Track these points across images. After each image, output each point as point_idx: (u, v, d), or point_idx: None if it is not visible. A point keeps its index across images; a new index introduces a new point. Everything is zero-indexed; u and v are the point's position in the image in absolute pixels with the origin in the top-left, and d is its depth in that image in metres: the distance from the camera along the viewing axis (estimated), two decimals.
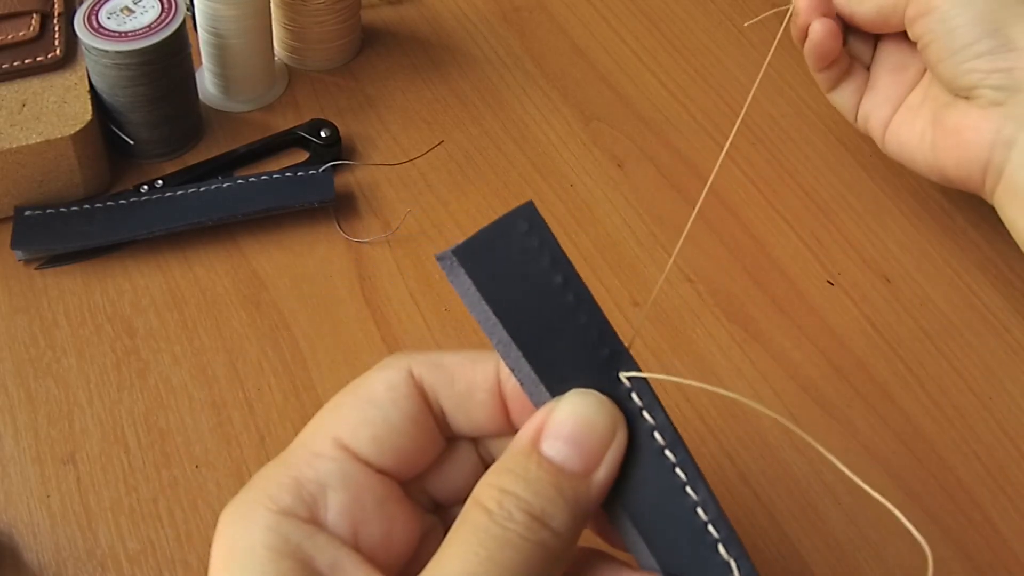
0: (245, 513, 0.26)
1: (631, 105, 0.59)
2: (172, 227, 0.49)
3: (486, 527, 0.25)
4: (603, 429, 0.27)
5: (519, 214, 0.28)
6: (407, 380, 0.28)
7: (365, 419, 0.28)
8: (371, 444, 0.27)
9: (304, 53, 0.58)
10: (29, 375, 0.45)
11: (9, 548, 0.40)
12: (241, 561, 0.25)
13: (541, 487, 0.26)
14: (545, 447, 0.27)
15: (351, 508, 0.27)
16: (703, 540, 0.27)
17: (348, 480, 0.27)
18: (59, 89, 0.50)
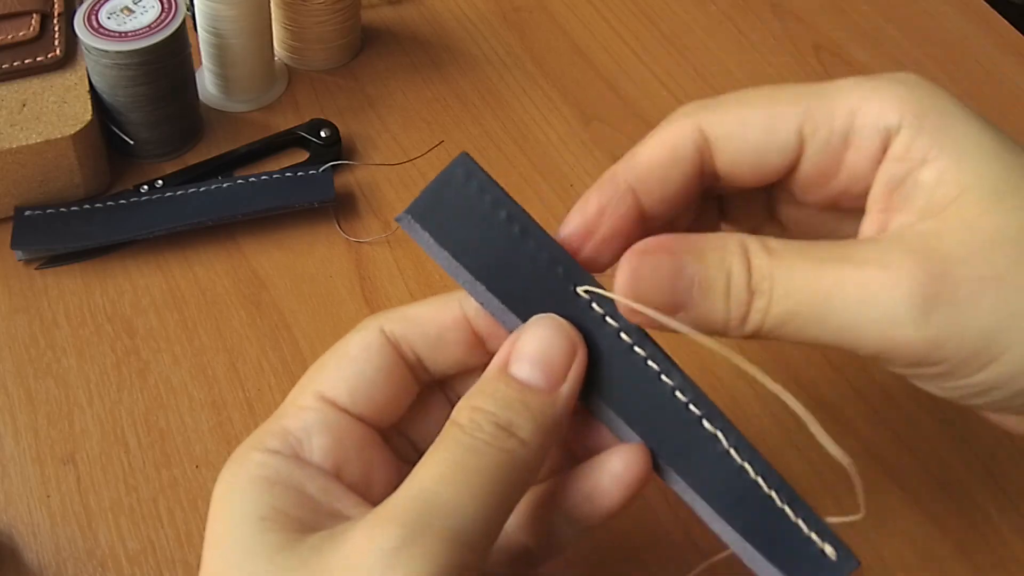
0: (238, 459, 0.29)
1: (631, 105, 0.59)
2: (172, 227, 0.49)
3: (457, 438, 0.28)
4: (564, 349, 0.29)
5: (456, 165, 0.31)
6: (379, 336, 0.31)
7: (342, 374, 0.30)
8: (348, 395, 0.30)
9: (304, 53, 0.58)
10: (29, 375, 0.45)
11: (9, 548, 0.40)
12: (237, 492, 0.28)
13: (508, 401, 0.28)
14: (513, 369, 0.29)
15: (333, 450, 0.29)
16: (686, 418, 0.30)
17: (329, 426, 0.29)
18: (59, 89, 0.50)
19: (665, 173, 0.31)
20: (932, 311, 0.27)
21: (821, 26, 0.65)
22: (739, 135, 0.31)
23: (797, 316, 0.28)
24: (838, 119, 0.30)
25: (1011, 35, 0.65)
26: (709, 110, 0.31)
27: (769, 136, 0.30)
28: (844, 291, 0.28)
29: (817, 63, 0.62)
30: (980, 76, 0.62)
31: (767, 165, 0.31)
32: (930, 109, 0.29)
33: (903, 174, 0.29)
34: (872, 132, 0.29)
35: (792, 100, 0.30)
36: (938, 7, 0.67)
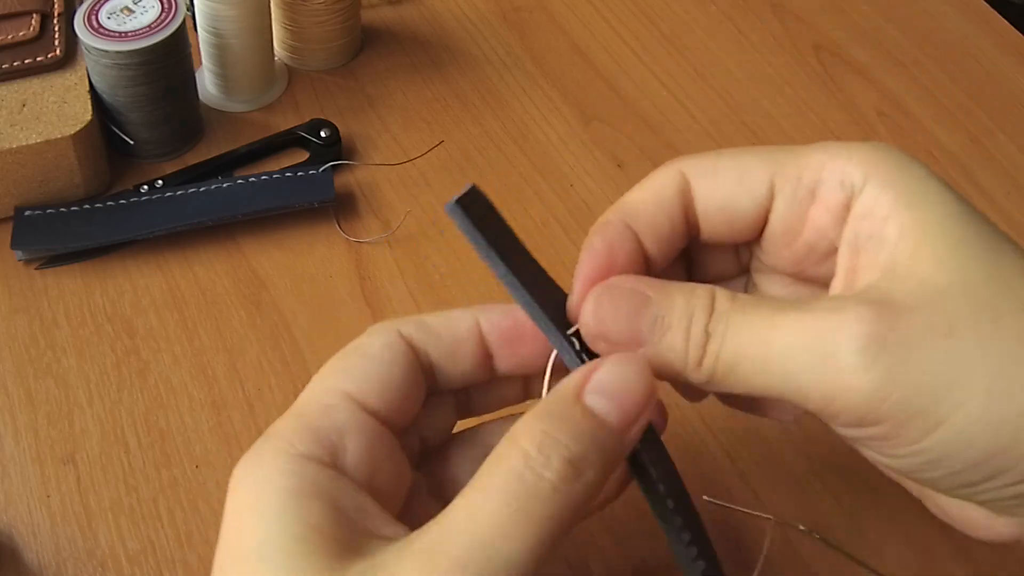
0: (266, 461, 0.27)
1: (631, 105, 0.59)
2: (172, 227, 0.49)
3: (521, 475, 0.26)
4: (643, 393, 0.28)
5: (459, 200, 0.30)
6: (399, 339, 0.30)
7: (369, 375, 0.29)
8: (377, 396, 0.29)
9: (304, 53, 0.58)
10: (29, 375, 0.45)
11: (9, 548, 0.40)
12: (269, 503, 0.26)
13: (582, 434, 0.27)
14: (589, 399, 0.28)
15: (368, 455, 0.28)
16: None
17: (364, 428, 0.28)
18: (59, 89, 0.50)
19: (652, 213, 0.32)
20: (878, 356, 0.26)
21: (821, 26, 0.65)
22: (713, 181, 0.32)
23: (744, 359, 0.28)
24: (807, 173, 0.30)
25: (1011, 35, 0.65)
26: (692, 160, 0.32)
27: (741, 184, 0.31)
28: (790, 335, 0.28)
29: (817, 63, 0.62)
30: (980, 76, 0.62)
31: (739, 213, 0.32)
32: (894, 169, 0.29)
33: (868, 232, 0.29)
34: (836, 187, 0.30)
35: (766, 156, 0.31)
36: (938, 7, 0.67)
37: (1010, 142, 0.59)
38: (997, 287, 0.27)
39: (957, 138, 0.59)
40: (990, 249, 0.28)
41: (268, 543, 0.26)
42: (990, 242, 0.28)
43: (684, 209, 0.32)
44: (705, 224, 0.32)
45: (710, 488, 0.44)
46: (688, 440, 0.45)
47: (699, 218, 0.32)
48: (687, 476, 0.44)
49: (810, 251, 0.31)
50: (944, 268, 0.27)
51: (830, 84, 0.61)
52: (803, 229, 0.31)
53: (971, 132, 0.59)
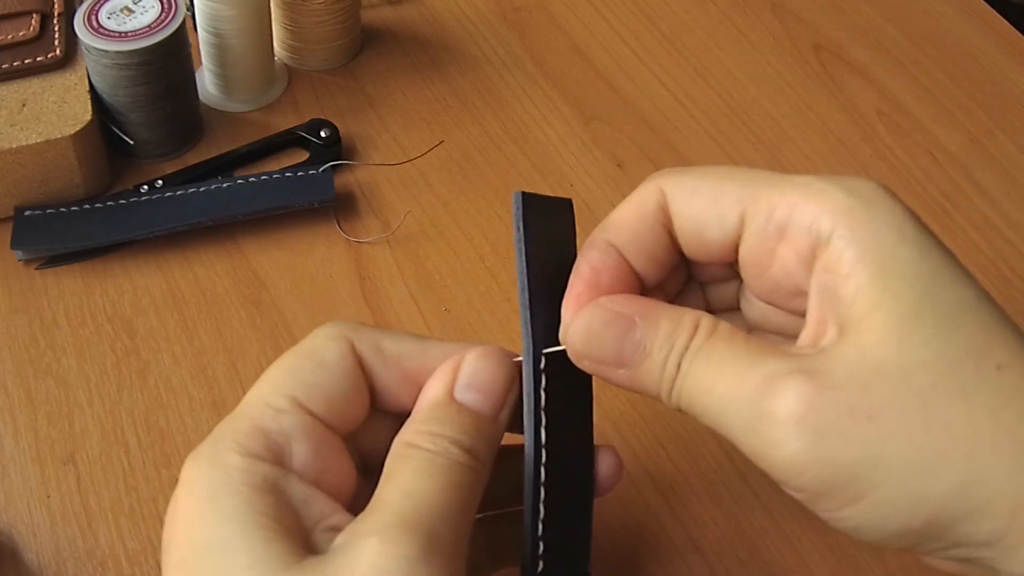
0: (217, 459, 0.28)
1: (631, 105, 0.59)
2: (172, 227, 0.49)
3: (431, 459, 0.29)
4: (504, 382, 0.31)
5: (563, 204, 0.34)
6: (350, 351, 0.31)
7: (319, 382, 0.31)
8: (324, 404, 0.30)
9: (304, 53, 0.58)
10: (29, 375, 0.45)
11: (9, 548, 0.40)
12: (228, 499, 0.27)
13: (466, 428, 0.30)
14: (460, 396, 0.31)
15: (313, 459, 0.29)
16: None
17: (309, 433, 0.30)
18: (59, 89, 0.50)
19: (634, 230, 0.32)
20: (801, 433, 0.27)
21: (821, 26, 0.65)
22: (687, 201, 0.32)
23: (696, 401, 0.29)
24: (778, 211, 0.30)
25: (1011, 35, 0.65)
26: (672, 175, 0.32)
27: (712, 209, 0.31)
28: (727, 388, 0.29)
29: (817, 63, 0.62)
30: (980, 76, 0.62)
31: (708, 237, 0.32)
32: (863, 222, 0.29)
33: (832, 285, 0.29)
34: (803, 233, 0.30)
35: (745, 182, 0.31)
36: (938, 7, 0.67)
37: (1010, 142, 0.59)
38: (938, 370, 0.27)
39: (957, 138, 0.59)
40: (945, 324, 0.27)
41: (230, 536, 0.27)
42: (947, 315, 0.27)
43: (666, 225, 0.32)
44: (682, 243, 0.33)
45: (710, 488, 0.44)
46: (688, 440, 0.45)
47: (676, 236, 0.33)
48: (687, 475, 0.44)
49: (778, 287, 0.31)
50: (886, 344, 0.27)
51: (830, 84, 0.61)
52: (772, 265, 0.31)
53: (971, 132, 0.59)
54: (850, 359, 0.27)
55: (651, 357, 0.30)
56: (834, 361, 0.28)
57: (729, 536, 0.42)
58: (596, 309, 0.31)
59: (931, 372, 0.27)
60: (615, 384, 0.31)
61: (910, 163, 0.57)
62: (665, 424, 0.45)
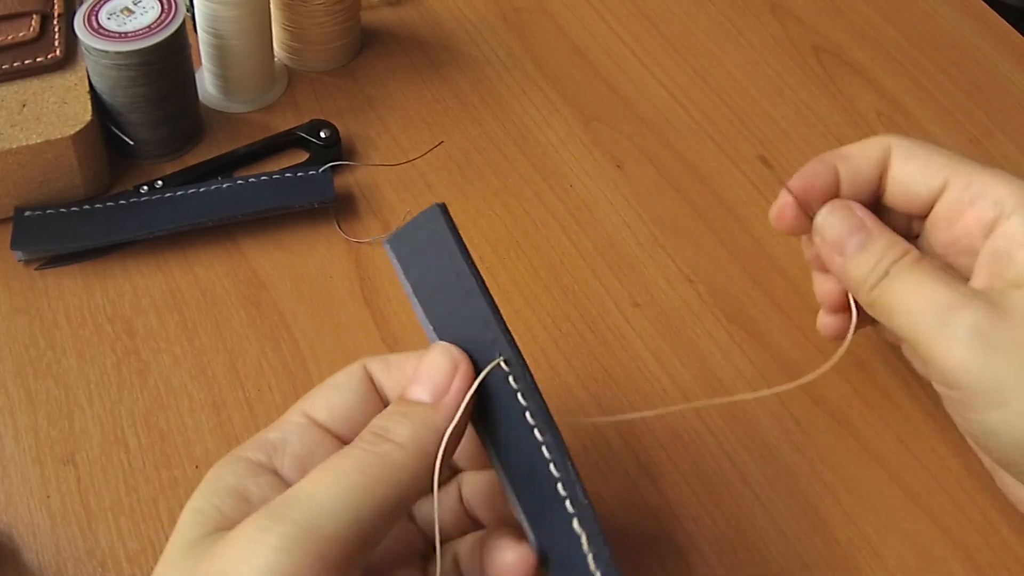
0: (223, 460, 0.33)
1: (631, 105, 0.59)
2: (172, 227, 0.49)
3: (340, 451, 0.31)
4: (445, 368, 0.33)
5: (428, 214, 0.35)
6: (361, 370, 0.35)
7: (325, 396, 0.34)
8: (327, 413, 0.34)
9: (304, 53, 0.58)
10: (29, 375, 0.45)
11: (9, 548, 0.40)
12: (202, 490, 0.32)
13: (391, 414, 0.32)
14: (407, 393, 0.33)
15: (302, 457, 0.33)
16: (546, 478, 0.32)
17: (304, 436, 0.33)
18: (59, 89, 0.50)
19: (857, 163, 0.41)
20: (975, 341, 0.36)
21: (821, 27, 0.65)
22: (906, 159, 0.41)
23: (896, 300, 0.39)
24: (974, 185, 0.39)
25: (1011, 35, 0.65)
26: (898, 138, 0.41)
27: (923, 171, 0.41)
28: (926, 296, 0.38)
29: (817, 63, 0.62)
30: (980, 76, 0.62)
31: (914, 191, 0.41)
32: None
33: (1006, 249, 0.38)
34: (991, 204, 0.39)
35: (951, 158, 0.40)
36: (938, 8, 0.67)
37: (1010, 142, 0.59)
38: None
39: (957, 139, 0.59)
40: None
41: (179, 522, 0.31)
42: None
43: (880, 171, 0.41)
44: (890, 190, 0.41)
45: (710, 488, 0.44)
46: (688, 441, 0.45)
47: (887, 184, 0.41)
48: (687, 475, 0.44)
49: (956, 242, 0.40)
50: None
51: (829, 85, 0.61)
52: (958, 223, 0.40)
53: (971, 133, 0.59)
54: None
55: (867, 253, 0.39)
56: (1013, 299, 0.37)
57: (729, 536, 0.42)
58: (842, 205, 0.41)
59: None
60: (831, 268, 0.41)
61: None
62: (665, 424, 0.45)
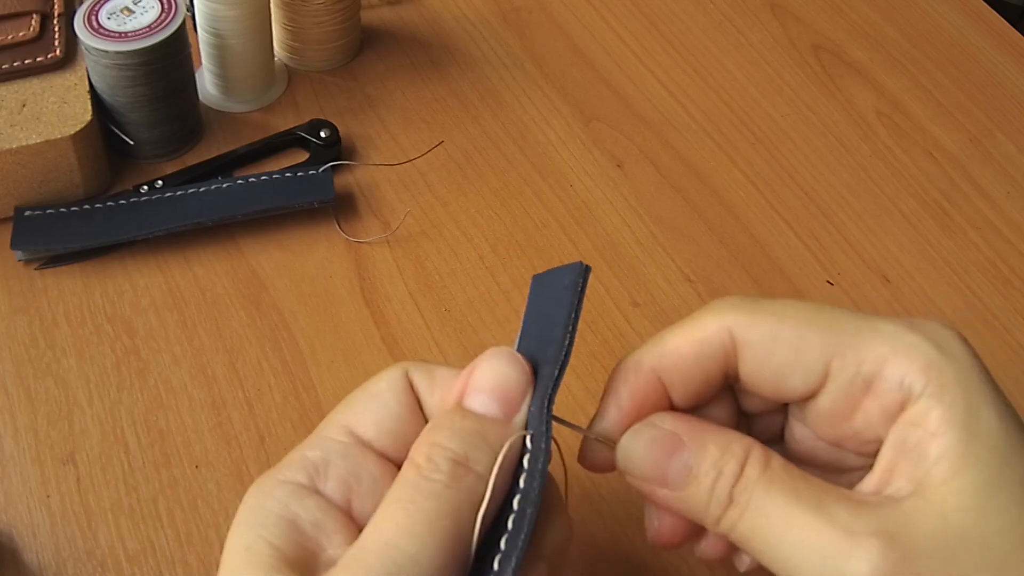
0: (259, 484, 0.30)
1: (631, 105, 0.59)
2: (172, 227, 0.49)
3: (415, 482, 0.28)
4: (518, 380, 0.30)
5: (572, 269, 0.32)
6: (403, 378, 0.32)
7: (368, 409, 0.31)
8: (372, 428, 0.31)
9: (304, 53, 0.58)
10: (29, 375, 0.45)
11: (9, 548, 0.40)
12: (247, 522, 0.29)
13: (465, 435, 0.29)
14: (468, 402, 0.30)
15: (347, 479, 0.30)
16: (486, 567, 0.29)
17: (348, 456, 0.30)
18: (59, 89, 0.50)
19: (689, 368, 0.32)
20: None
21: (820, 26, 0.65)
22: (767, 350, 0.31)
23: (756, 540, 0.29)
24: (866, 364, 0.30)
25: (1011, 35, 0.65)
26: (744, 313, 0.31)
27: (796, 359, 0.31)
28: (804, 540, 0.28)
29: (816, 63, 0.62)
30: (980, 76, 0.62)
31: (787, 387, 0.31)
32: (954, 383, 0.29)
33: (914, 441, 0.29)
34: (894, 388, 0.30)
35: (829, 330, 0.30)
36: (938, 7, 0.67)
37: (1010, 142, 0.59)
38: (1014, 538, 0.27)
39: (956, 138, 0.59)
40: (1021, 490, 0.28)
41: (228, 555, 0.29)
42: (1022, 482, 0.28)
43: (724, 368, 0.32)
44: (751, 385, 0.32)
45: None
46: None
47: (744, 378, 0.32)
48: None
49: (854, 436, 0.31)
50: (968, 510, 0.28)
51: (829, 84, 0.61)
52: (853, 416, 0.31)
53: (970, 132, 0.59)
54: (933, 524, 0.28)
55: (698, 482, 0.30)
56: (915, 524, 0.28)
57: None
58: (642, 425, 0.31)
59: (1008, 539, 0.27)
60: (658, 504, 0.32)
61: (909, 163, 0.57)
62: None
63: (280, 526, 0.28)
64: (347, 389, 0.45)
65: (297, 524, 0.29)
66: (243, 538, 0.28)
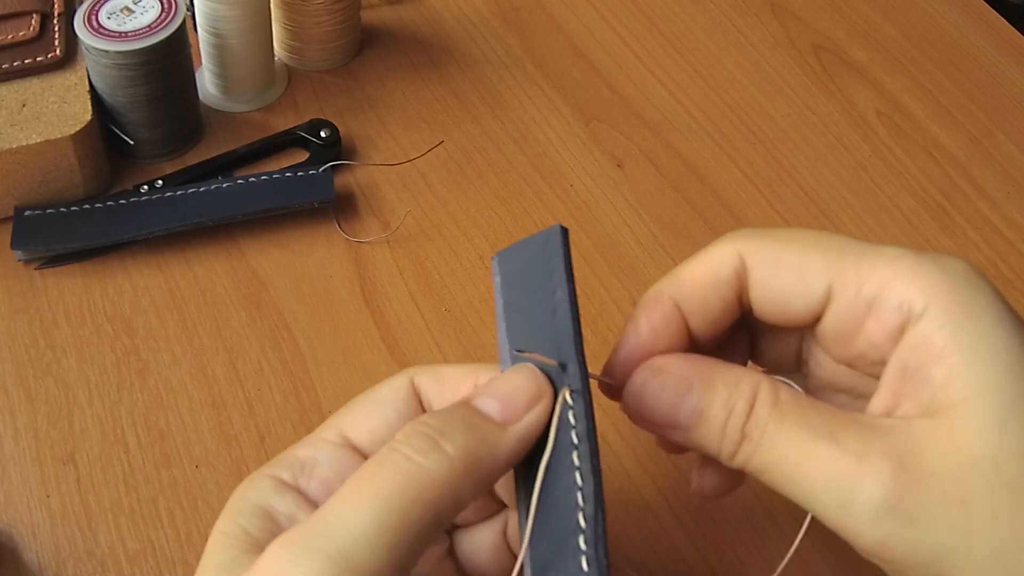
0: (250, 478, 0.31)
1: (631, 105, 0.59)
2: (172, 227, 0.49)
3: (380, 455, 0.28)
4: (527, 393, 0.29)
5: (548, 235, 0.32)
6: (408, 385, 0.32)
7: (366, 415, 0.32)
8: (367, 434, 0.31)
9: (304, 53, 0.58)
10: (29, 375, 0.45)
11: (9, 548, 0.40)
12: (228, 511, 0.30)
13: (453, 418, 0.29)
14: (474, 400, 0.30)
15: (330, 480, 0.30)
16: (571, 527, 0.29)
17: (335, 459, 0.31)
18: (59, 89, 0.50)
19: (706, 294, 0.32)
20: (889, 517, 0.27)
21: (820, 26, 0.65)
22: (772, 271, 0.31)
23: (771, 472, 0.30)
24: (867, 286, 0.30)
25: (1011, 35, 0.65)
26: (753, 239, 0.32)
27: (798, 281, 0.31)
28: (815, 468, 0.28)
29: (816, 63, 0.62)
30: (980, 76, 0.62)
31: (792, 309, 0.31)
32: (959, 304, 0.28)
33: (917, 364, 0.29)
34: (894, 309, 0.29)
35: (833, 253, 0.31)
36: (938, 7, 0.67)
37: (1010, 142, 0.59)
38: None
39: (956, 138, 0.59)
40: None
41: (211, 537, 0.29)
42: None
43: (739, 292, 0.32)
44: (758, 309, 0.32)
45: None
46: None
47: (752, 303, 0.32)
48: (687, 475, 0.44)
49: (860, 357, 0.31)
50: (982, 435, 0.27)
51: (829, 84, 0.61)
52: (856, 337, 0.31)
53: (971, 132, 0.59)
54: (943, 446, 0.27)
55: (708, 423, 0.30)
56: (926, 447, 0.28)
57: (729, 536, 0.42)
58: (650, 372, 0.31)
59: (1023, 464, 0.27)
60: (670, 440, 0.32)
61: (910, 163, 0.57)
62: None
63: (257, 515, 0.29)
64: (347, 389, 0.46)
65: (273, 516, 0.29)
66: (222, 524, 0.29)
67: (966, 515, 0.27)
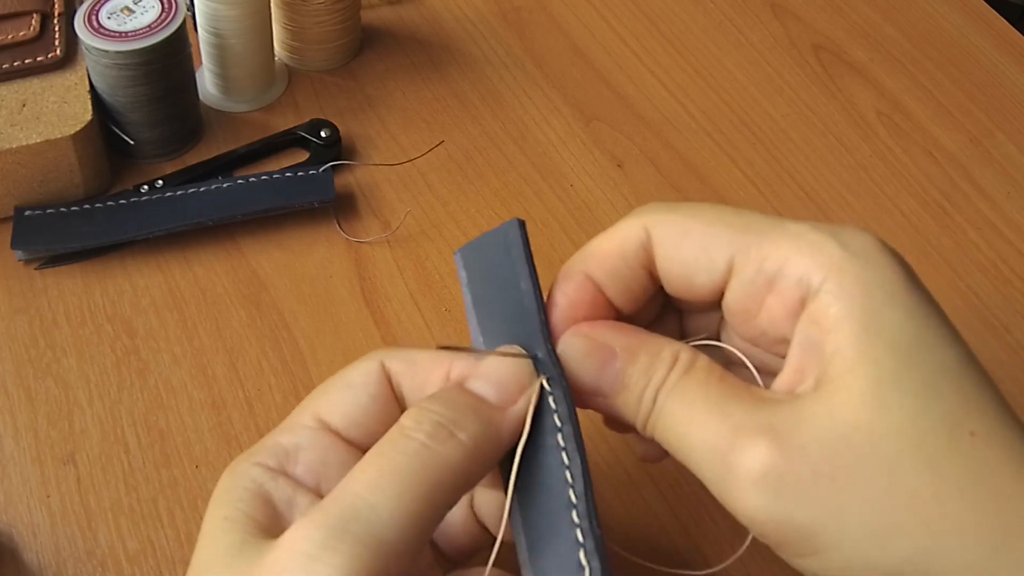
0: (234, 468, 0.31)
1: (631, 105, 0.59)
2: (172, 227, 0.49)
3: (394, 439, 0.29)
4: (520, 377, 0.30)
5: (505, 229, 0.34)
6: (379, 369, 0.32)
7: (341, 399, 0.32)
8: (342, 418, 0.31)
9: (304, 53, 0.58)
10: (29, 375, 0.45)
11: (9, 548, 0.40)
12: (223, 498, 0.30)
13: (457, 404, 0.29)
14: (469, 383, 0.31)
15: (316, 465, 0.31)
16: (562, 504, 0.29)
17: (317, 443, 0.31)
18: (59, 89, 0.50)
19: (614, 265, 0.32)
20: (760, 492, 0.27)
21: (821, 26, 0.65)
22: (676, 244, 0.32)
23: (666, 439, 0.30)
24: (768, 262, 0.30)
25: (1011, 35, 0.65)
26: (660, 212, 0.32)
27: (701, 255, 0.31)
28: (699, 437, 0.29)
29: (816, 63, 0.62)
30: (980, 76, 0.62)
31: (696, 283, 0.32)
32: (854, 279, 0.28)
33: (814, 338, 0.29)
34: (793, 285, 0.29)
35: (738, 228, 0.31)
36: (938, 7, 0.67)
37: (1010, 142, 0.59)
38: (909, 437, 0.27)
39: (956, 138, 0.59)
40: (923, 389, 0.27)
41: (207, 525, 0.30)
42: (926, 381, 0.27)
43: (646, 265, 0.32)
44: (666, 283, 0.33)
45: None
46: None
47: (660, 276, 0.32)
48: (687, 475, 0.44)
49: (763, 335, 0.31)
50: (858, 408, 0.27)
51: (829, 84, 0.61)
52: (759, 313, 0.31)
53: (970, 132, 0.59)
54: (819, 420, 0.27)
55: (628, 389, 0.31)
56: (803, 420, 0.28)
57: (729, 536, 0.42)
58: (576, 338, 0.32)
59: (902, 439, 0.27)
60: (597, 410, 0.32)
61: (910, 163, 0.57)
62: None
63: (256, 501, 0.29)
64: None
65: (271, 501, 0.30)
66: (221, 510, 0.29)
67: (836, 490, 0.27)
